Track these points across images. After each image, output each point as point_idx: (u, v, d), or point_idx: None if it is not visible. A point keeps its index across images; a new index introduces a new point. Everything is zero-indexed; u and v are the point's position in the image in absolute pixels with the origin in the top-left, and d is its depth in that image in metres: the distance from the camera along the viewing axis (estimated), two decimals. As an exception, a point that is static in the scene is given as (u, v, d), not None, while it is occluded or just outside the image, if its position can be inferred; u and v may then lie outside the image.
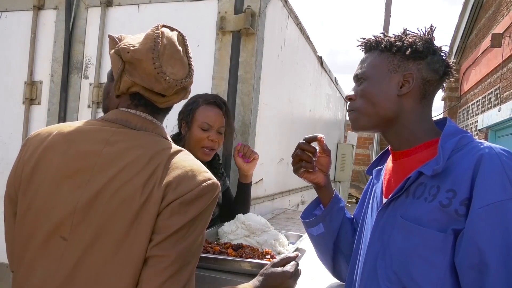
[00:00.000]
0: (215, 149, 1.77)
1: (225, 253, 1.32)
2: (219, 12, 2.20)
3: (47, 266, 0.90)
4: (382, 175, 1.07)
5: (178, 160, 0.95)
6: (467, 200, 0.80)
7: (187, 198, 0.89)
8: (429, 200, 0.85)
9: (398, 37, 0.99)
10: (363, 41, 1.04)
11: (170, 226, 0.87)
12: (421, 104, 0.97)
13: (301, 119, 3.54)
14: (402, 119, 0.97)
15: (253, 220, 1.56)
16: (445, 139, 0.89)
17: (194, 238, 0.90)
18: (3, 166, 2.59)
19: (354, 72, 1.04)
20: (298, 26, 3.00)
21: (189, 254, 0.90)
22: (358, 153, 9.27)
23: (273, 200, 2.81)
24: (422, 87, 0.96)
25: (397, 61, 0.97)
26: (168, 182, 0.89)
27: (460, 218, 0.80)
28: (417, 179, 0.90)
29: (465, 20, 7.53)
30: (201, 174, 0.94)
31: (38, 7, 2.56)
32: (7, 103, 2.64)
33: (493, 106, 5.89)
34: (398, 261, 0.88)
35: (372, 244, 0.97)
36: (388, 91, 0.97)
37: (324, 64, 4.17)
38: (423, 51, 0.95)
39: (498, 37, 5.47)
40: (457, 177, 0.83)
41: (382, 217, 0.96)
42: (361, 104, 1.00)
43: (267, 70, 2.35)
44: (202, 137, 1.72)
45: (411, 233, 0.86)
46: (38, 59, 2.59)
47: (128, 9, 2.40)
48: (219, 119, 1.76)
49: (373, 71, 0.99)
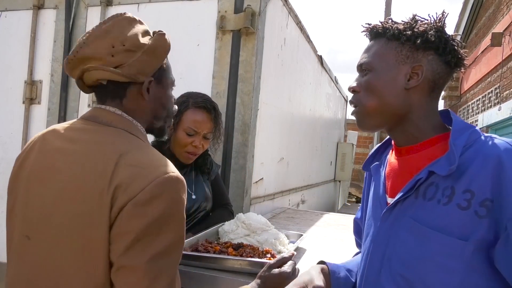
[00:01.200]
0: (198, 154, 1.72)
1: (226, 252, 1.32)
2: (219, 12, 2.20)
3: (16, 265, 0.90)
4: (383, 172, 0.99)
5: (134, 156, 0.86)
6: (487, 201, 0.74)
7: (140, 198, 0.81)
8: (444, 202, 0.80)
9: (407, 24, 0.90)
10: (368, 27, 0.95)
11: (130, 231, 0.80)
12: (430, 98, 0.90)
13: (301, 118, 3.53)
14: (410, 114, 0.89)
15: (254, 219, 1.56)
16: (456, 135, 0.82)
17: (165, 244, 0.82)
18: (3, 166, 2.59)
19: (358, 61, 0.95)
20: (298, 25, 2.99)
21: (162, 263, 0.82)
22: (358, 152, 9.26)
23: (273, 199, 2.81)
24: (432, 80, 0.88)
25: (406, 51, 0.88)
26: (118, 183, 0.81)
27: (480, 220, 0.75)
28: (427, 179, 0.84)
29: (465, 19, 7.53)
30: (156, 169, 0.85)
31: (38, 6, 2.56)
32: (7, 103, 2.64)
33: (493, 105, 5.89)
34: (407, 265, 0.83)
35: (376, 247, 0.91)
36: (395, 84, 0.89)
37: (324, 63, 4.16)
38: (435, 41, 0.87)
39: (498, 36, 5.47)
40: (474, 176, 0.77)
41: (388, 218, 0.89)
42: (365, 98, 0.91)
43: (267, 70, 2.35)
44: (186, 142, 1.67)
45: (426, 238, 0.80)
46: (38, 59, 2.59)
47: (128, 8, 2.40)
48: (206, 124, 1.69)
49: (379, 62, 0.90)
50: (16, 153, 1.05)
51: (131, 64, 0.92)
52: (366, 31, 0.95)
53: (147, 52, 0.94)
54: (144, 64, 0.94)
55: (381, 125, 0.93)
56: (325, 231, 2.14)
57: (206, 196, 1.80)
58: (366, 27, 0.95)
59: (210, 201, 1.83)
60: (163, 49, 0.98)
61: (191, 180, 1.79)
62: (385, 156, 1.02)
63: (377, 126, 0.94)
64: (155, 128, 1.05)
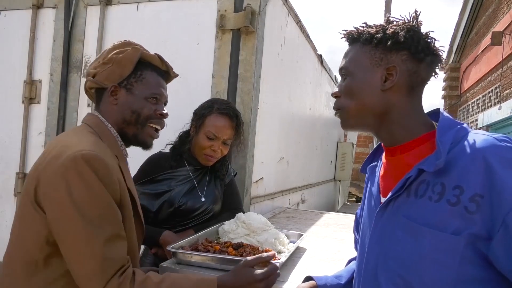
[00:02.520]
0: (217, 158, 1.76)
1: (226, 252, 1.32)
2: (219, 11, 2.19)
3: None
4: (378, 172, 1.01)
5: (59, 144, 1.06)
6: (477, 196, 0.75)
7: (50, 180, 0.99)
8: (435, 199, 0.81)
9: (380, 27, 0.92)
10: (345, 32, 0.97)
11: (54, 215, 0.98)
12: (410, 97, 0.91)
13: (301, 117, 3.53)
14: (391, 114, 0.91)
15: (254, 219, 1.56)
16: (442, 132, 0.84)
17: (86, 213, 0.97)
18: (2, 166, 2.59)
19: (339, 66, 0.99)
20: (298, 24, 2.99)
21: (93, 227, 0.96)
22: (358, 152, 9.28)
23: (273, 199, 2.81)
24: (409, 79, 0.90)
25: (379, 54, 0.91)
26: (39, 172, 1.02)
27: (471, 215, 0.75)
28: (418, 177, 0.85)
29: (465, 18, 7.52)
30: (69, 149, 1.01)
31: (37, 5, 2.56)
32: (7, 102, 2.64)
33: (493, 104, 5.89)
34: (405, 264, 0.83)
35: (372, 247, 0.92)
36: (371, 87, 0.91)
37: (324, 63, 4.16)
38: (406, 41, 0.88)
39: (498, 35, 5.46)
40: (463, 172, 0.78)
41: (381, 217, 0.91)
42: (345, 102, 0.95)
43: (267, 69, 2.35)
44: (205, 145, 1.72)
45: (420, 235, 0.81)
46: (37, 58, 2.59)
47: (128, 8, 2.40)
48: (227, 131, 1.74)
49: (355, 66, 0.93)
50: (15, 152, 1.07)
51: (101, 73, 1.18)
52: (344, 37, 0.98)
53: (115, 63, 1.17)
54: (110, 72, 1.17)
55: (363, 125, 0.96)
56: (325, 231, 2.13)
57: (215, 199, 1.80)
58: (343, 33, 0.98)
59: (218, 204, 1.83)
60: (128, 60, 1.18)
61: (204, 182, 1.80)
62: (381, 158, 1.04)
63: (358, 126, 0.97)
64: (128, 134, 1.19)
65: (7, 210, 2.58)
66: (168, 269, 1.26)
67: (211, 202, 1.78)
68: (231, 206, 1.87)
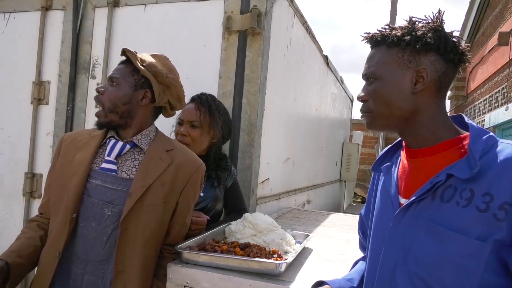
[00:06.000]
0: (187, 143, 1.76)
1: (233, 252, 1.33)
2: (225, 12, 2.20)
3: None
4: (395, 173, 0.99)
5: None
6: (506, 205, 0.76)
7: None
8: (463, 204, 0.81)
9: (405, 28, 0.91)
10: (367, 36, 0.96)
11: None
12: (438, 98, 0.91)
13: (307, 118, 3.53)
14: (420, 116, 0.91)
15: (260, 219, 1.57)
16: (474, 139, 0.84)
17: None
18: (11, 166, 2.62)
19: (363, 71, 0.97)
20: (304, 25, 3.00)
21: None
22: (363, 152, 9.24)
23: (279, 199, 2.81)
24: (438, 80, 0.90)
25: (408, 56, 0.90)
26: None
27: (499, 223, 0.76)
28: (445, 181, 0.85)
29: (471, 19, 7.48)
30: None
31: (45, 7, 2.58)
32: (15, 103, 2.66)
33: (500, 105, 5.85)
34: (426, 266, 0.83)
35: (390, 247, 0.91)
36: (401, 90, 0.90)
37: (329, 63, 4.16)
38: (435, 42, 0.88)
39: (505, 35, 5.43)
40: (493, 180, 0.79)
41: (402, 218, 0.90)
42: (374, 105, 0.94)
43: (273, 70, 2.35)
44: (176, 131, 1.83)
45: (445, 239, 0.81)
46: (46, 59, 2.61)
47: (135, 9, 2.42)
48: (190, 112, 1.82)
49: (383, 70, 0.92)
50: (24, 152, 1.07)
51: None
52: (366, 40, 0.97)
53: None
54: None
55: (390, 128, 0.96)
56: (331, 231, 2.14)
57: (215, 198, 1.81)
58: (365, 36, 0.97)
59: (219, 203, 1.84)
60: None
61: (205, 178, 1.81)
62: (397, 157, 1.03)
63: (386, 128, 0.97)
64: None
65: (16, 210, 2.61)
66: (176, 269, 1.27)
67: (210, 199, 1.79)
68: (236, 207, 1.88)
